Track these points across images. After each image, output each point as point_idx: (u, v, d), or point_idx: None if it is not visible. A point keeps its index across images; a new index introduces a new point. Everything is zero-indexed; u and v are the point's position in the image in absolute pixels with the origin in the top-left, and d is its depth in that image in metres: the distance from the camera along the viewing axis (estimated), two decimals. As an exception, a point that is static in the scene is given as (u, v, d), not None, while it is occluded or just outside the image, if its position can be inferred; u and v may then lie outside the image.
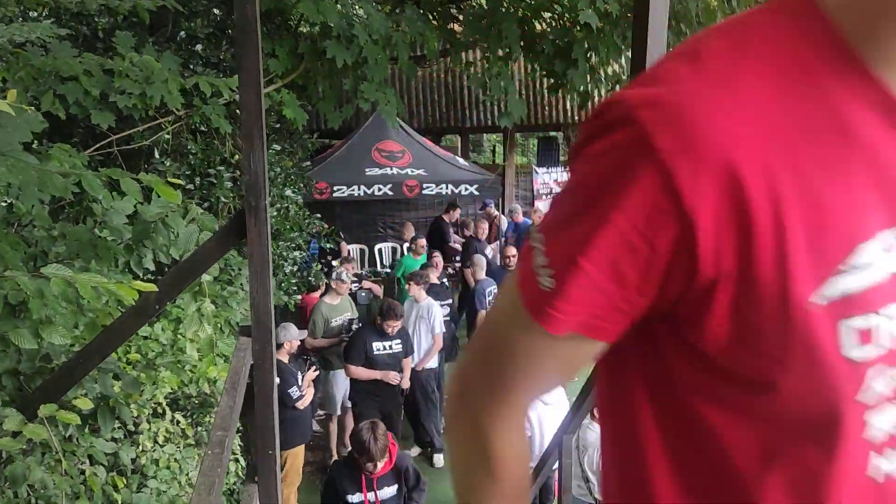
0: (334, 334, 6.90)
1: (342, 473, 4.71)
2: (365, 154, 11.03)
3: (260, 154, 2.39)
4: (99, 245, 2.86)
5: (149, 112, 4.97)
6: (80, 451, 3.04)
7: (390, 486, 4.71)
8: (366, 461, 4.43)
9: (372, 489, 4.65)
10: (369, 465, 4.46)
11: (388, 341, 6.46)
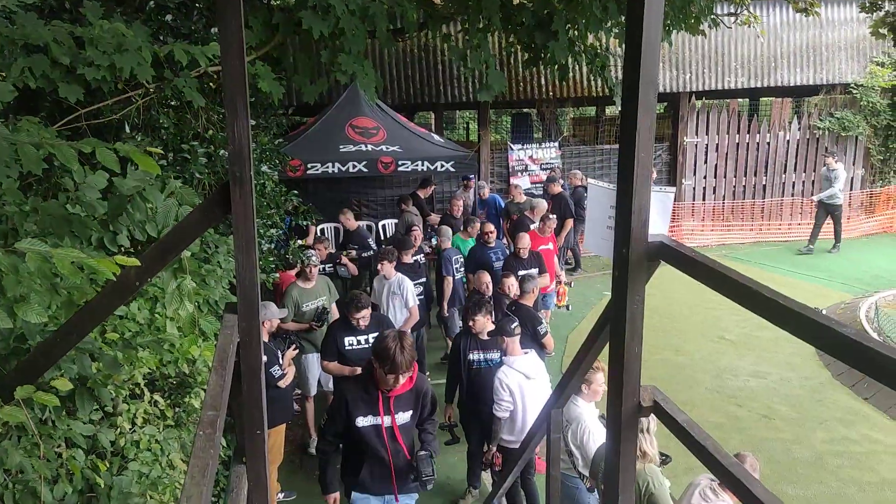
0: (304, 320, 6.85)
1: (355, 393, 4.17)
2: (339, 131, 10.90)
3: (244, 123, 2.28)
4: (73, 221, 2.73)
5: (118, 85, 4.79)
6: (58, 434, 2.93)
7: (406, 410, 4.22)
8: (388, 371, 3.91)
9: (389, 411, 4.14)
10: (390, 378, 3.93)
11: (359, 335, 6.14)
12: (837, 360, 1.65)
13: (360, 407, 4.07)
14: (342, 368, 6.08)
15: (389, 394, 4.05)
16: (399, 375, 3.93)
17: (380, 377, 3.98)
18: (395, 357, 3.86)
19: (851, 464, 6.81)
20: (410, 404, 4.21)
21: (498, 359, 5.80)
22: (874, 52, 15.42)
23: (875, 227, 15.79)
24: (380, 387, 4.04)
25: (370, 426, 4.11)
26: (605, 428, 2.69)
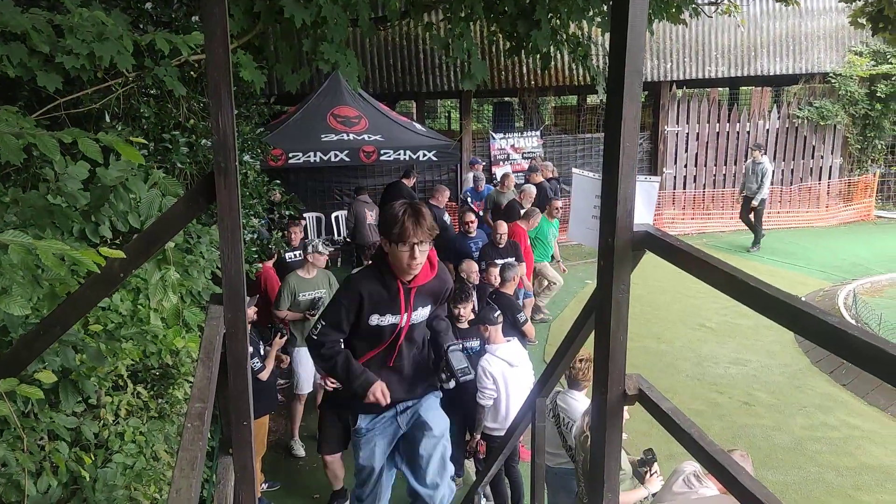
0: (300, 309, 6.73)
1: (372, 287, 3.33)
2: (320, 120, 10.84)
3: (228, 112, 2.26)
4: (55, 212, 2.70)
5: (97, 74, 4.73)
6: (41, 426, 2.91)
7: (425, 305, 3.52)
8: (397, 240, 3.13)
9: (409, 307, 3.38)
10: (403, 254, 3.14)
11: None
12: (819, 346, 1.67)
13: (379, 305, 3.28)
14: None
15: (411, 284, 3.29)
16: (415, 249, 3.05)
17: (394, 262, 3.19)
18: (403, 220, 3.02)
19: (830, 449, 6.91)
20: (430, 298, 3.44)
21: (478, 347, 5.81)
22: (852, 41, 15.56)
23: (853, 216, 15.97)
24: (398, 276, 3.24)
25: (387, 326, 3.34)
26: (591, 416, 2.71)
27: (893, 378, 1.47)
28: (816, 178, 16.04)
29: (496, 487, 5.77)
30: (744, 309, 1.88)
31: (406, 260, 3.18)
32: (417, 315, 3.46)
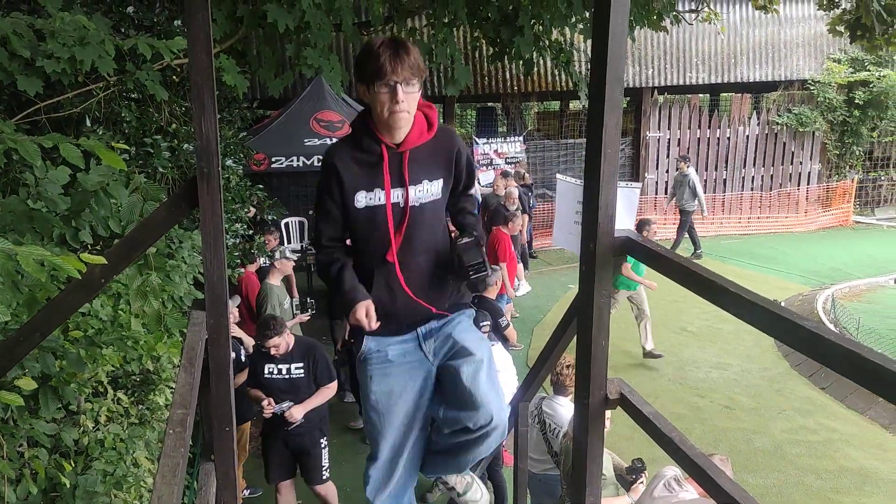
0: (288, 318, 6.68)
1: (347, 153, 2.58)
2: (303, 124, 10.82)
3: (211, 117, 2.26)
4: (36, 217, 2.68)
5: (78, 78, 4.71)
6: (20, 433, 2.89)
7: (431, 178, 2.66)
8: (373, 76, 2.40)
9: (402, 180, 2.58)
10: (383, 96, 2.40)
11: (280, 363, 5.34)
12: (796, 351, 1.70)
13: (361, 178, 2.50)
14: (259, 396, 5.35)
15: (401, 147, 2.50)
16: (398, 90, 2.36)
17: (375, 116, 2.46)
18: (379, 54, 2.38)
19: (809, 452, 6.98)
20: (436, 168, 2.61)
21: None
22: (831, 48, 15.76)
23: (831, 221, 16.16)
24: (382, 136, 2.50)
25: (379, 207, 2.54)
26: (573, 420, 2.73)
27: (868, 382, 1.50)
28: (795, 183, 16.21)
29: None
30: (725, 313, 1.91)
31: (387, 105, 2.39)
32: (422, 192, 2.58)
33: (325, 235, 2.64)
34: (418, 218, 2.61)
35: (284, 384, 5.29)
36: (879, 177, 17.01)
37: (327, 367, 5.46)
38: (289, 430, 5.27)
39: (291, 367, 5.32)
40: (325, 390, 5.43)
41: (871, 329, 9.27)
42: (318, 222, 2.65)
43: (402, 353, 2.69)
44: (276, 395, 5.25)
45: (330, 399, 5.57)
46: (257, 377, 5.35)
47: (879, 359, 1.50)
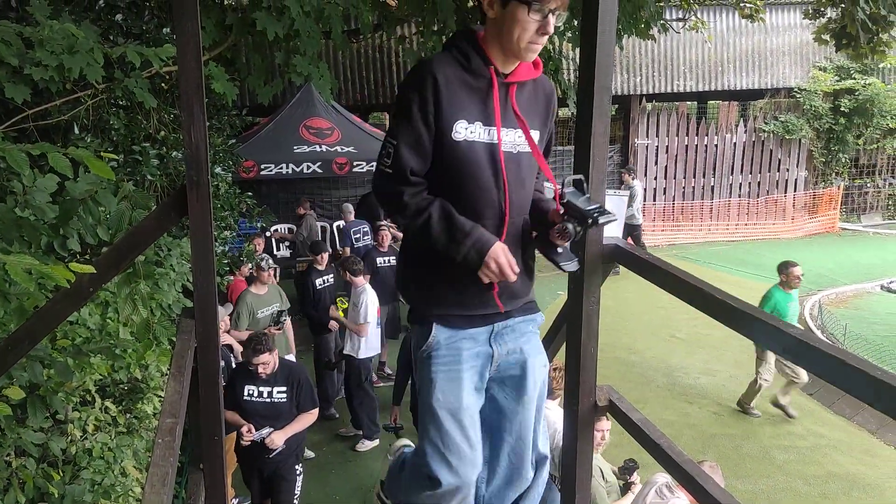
0: (259, 327, 6.56)
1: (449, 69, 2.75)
2: (293, 131, 10.82)
3: (201, 125, 2.26)
4: (23, 225, 2.67)
5: (66, 85, 4.69)
6: (8, 442, 2.87)
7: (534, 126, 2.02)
8: None
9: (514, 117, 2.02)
10: None
11: (262, 385, 5.01)
12: (782, 357, 1.72)
13: (466, 104, 1.99)
14: (236, 420, 4.95)
15: (510, 77, 2.05)
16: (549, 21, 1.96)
17: (504, 35, 1.97)
18: None
19: (797, 458, 7.01)
20: (535, 115, 2.15)
21: None
22: (817, 57, 15.90)
23: (818, 228, 16.27)
24: (493, 60, 2.02)
25: (483, 146, 2.02)
26: (562, 428, 2.74)
27: (853, 389, 1.52)
28: (782, 190, 16.33)
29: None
30: (713, 320, 1.92)
31: (530, 33, 1.95)
32: (525, 139, 2.09)
33: (408, 168, 1.99)
34: (526, 171, 2.13)
35: (265, 408, 4.98)
36: (865, 184, 17.16)
37: (311, 393, 5.21)
38: (268, 457, 4.98)
39: (274, 390, 5.00)
40: (307, 416, 5.15)
41: (857, 335, 9.33)
42: (396, 151, 1.98)
43: (476, 355, 2.16)
44: (256, 419, 4.93)
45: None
46: (236, 398, 4.95)
47: (865, 366, 1.52)
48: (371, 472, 6.67)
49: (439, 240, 2.00)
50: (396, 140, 1.98)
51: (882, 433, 7.43)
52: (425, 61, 2.04)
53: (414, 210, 2.01)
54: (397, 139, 1.98)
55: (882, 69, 15.90)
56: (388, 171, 2.00)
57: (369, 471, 6.69)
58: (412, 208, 2.01)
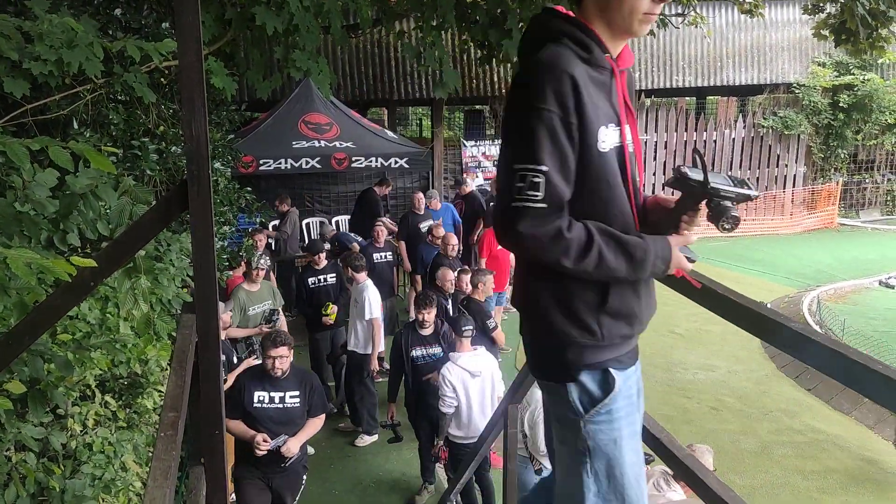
0: (250, 325, 6.62)
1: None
2: (291, 127, 10.81)
3: (201, 120, 2.26)
4: (24, 220, 2.67)
5: (65, 80, 4.69)
6: (8, 437, 2.87)
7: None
8: None
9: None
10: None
11: (274, 390, 4.69)
12: (783, 352, 1.72)
13: (598, 103, 1.70)
14: (245, 431, 4.59)
15: (619, 64, 1.79)
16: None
17: (617, 18, 1.72)
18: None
19: (795, 453, 7.03)
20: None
21: (440, 353, 5.87)
22: (816, 52, 15.89)
23: (816, 223, 16.28)
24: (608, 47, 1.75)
25: (615, 150, 1.74)
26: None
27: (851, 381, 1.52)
28: (781, 186, 16.33)
29: (466, 495, 5.79)
30: (712, 315, 1.92)
31: (645, 6, 1.69)
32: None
33: (564, 197, 1.64)
34: (638, 170, 1.86)
35: (278, 414, 4.65)
36: (864, 179, 17.17)
37: (323, 398, 5.01)
38: (283, 466, 4.65)
39: (287, 395, 4.68)
40: (317, 421, 4.89)
41: (856, 330, 9.35)
42: (548, 180, 1.61)
43: (640, 392, 1.90)
44: (268, 427, 4.59)
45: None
46: (243, 406, 4.60)
47: (864, 360, 1.53)
48: (370, 467, 6.69)
49: (619, 269, 1.67)
50: (545, 165, 1.60)
51: (880, 428, 7.46)
52: (551, 60, 1.64)
53: (578, 246, 1.62)
54: (545, 164, 1.60)
55: (881, 65, 15.89)
56: (540, 207, 1.59)
57: (368, 466, 6.71)
58: (576, 244, 1.62)
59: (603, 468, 1.75)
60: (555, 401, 1.82)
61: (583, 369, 1.73)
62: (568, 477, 1.81)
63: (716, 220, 1.82)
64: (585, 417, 1.74)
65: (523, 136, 1.61)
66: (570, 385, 1.74)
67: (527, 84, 1.64)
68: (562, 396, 1.76)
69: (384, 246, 8.57)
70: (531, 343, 1.84)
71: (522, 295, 1.82)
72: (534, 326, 1.80)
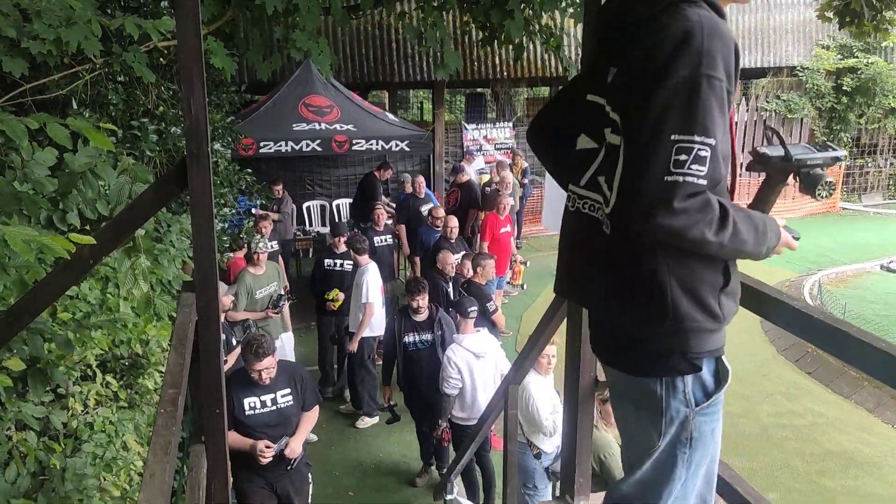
0: (257, 308, 6.63)
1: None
2: (292, 109, 10.75)
3: (201, 97, 2.24)
4: (23, 199, 2.66)
5: (64, 59, 4.66)
6: (8, 416, 2.88)
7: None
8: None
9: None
10: None
11: (264, 394, 4.45)
12: (786, 331, 1.71)
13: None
14: (242, 441, 4.34)
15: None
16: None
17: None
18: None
19: (795, 436, 7.05)
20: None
21: (431, 340, 5.86)
22: (820, 35, 15.78)
23: (818, 208, 16.22)
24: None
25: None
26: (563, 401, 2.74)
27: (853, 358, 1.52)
28: (783, 170, 16.25)
29: (466, 476, 5.82)
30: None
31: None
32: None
33: (717, 173, 1.53)
34: None
35: (272, 417, 4.45)
36: (866, 163, 17.10)
37: (314, 389, 4.83)
38: (289, 469, 4.49)
39: (278, 395, 4.48)
40: (312, 415, 4.73)
41: (857, 314, 9.34)
42: (713, 154, 1.49)
43: None
44: (264, 432, 4.40)
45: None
46: (234, 416, 4.30)
47: (869, 338, 1.52)
48: (371, 449, 6.71)
49: (748, 241, 1.60)
50: (713, 139, 1.47)
51: (880, 411, 7.47)
52: (714, 25, 1.55)
53: (720, 218, 1.53)
54: (714, 137, 1.48)
55: (885, 48, 15.79)
56: (700, 184, 1.48)
57: (369, 448, 6.73)
58: (718, 216, 1.52)
59: (698, 458, 1.74)
60: (656, 396, 1.69)
61: (704, 357, 1.69)
62: (657, 467, 1.75)
63: (811, 190, 1.77)
64: (696, 410, 1.70)
65: (691, 105, 1.46)
66: (687, 377, 1.69)
67: (689, 47, 1.48)
68: (671, 391, 1.69)
69: (384, 229, 8.55)
70: (633, 342, 1.70)
71: (626, 288, 1.64)
72: (642, 321, 1.63)
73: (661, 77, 1.48)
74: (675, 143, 1.45)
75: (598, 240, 1.66)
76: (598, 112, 1.68)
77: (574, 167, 1.79)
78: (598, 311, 1.82)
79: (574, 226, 1.79)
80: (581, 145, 1.78)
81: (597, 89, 1.72)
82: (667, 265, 1.57)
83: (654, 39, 1.52)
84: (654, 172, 1.46)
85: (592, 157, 1.70)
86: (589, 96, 1.75)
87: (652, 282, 1.58)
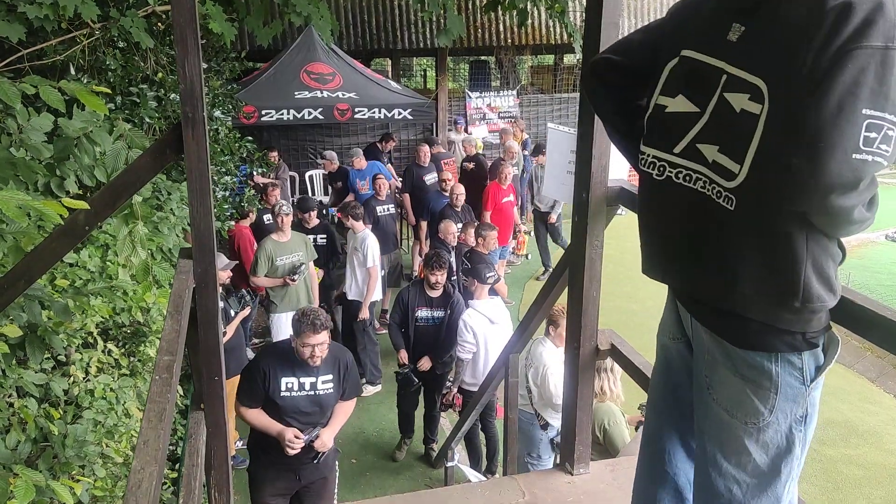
0: (278, 275, 6.46)
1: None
2: (293, 76, 10.65)
3: (195, 60, 2.20)
4: (19, 164, 2.63)
5: (62, 25, 4.59)
6: (8, 383, 2.88)
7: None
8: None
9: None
10: None
11: (306, 376, 3.89)
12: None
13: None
14: (270, 423, 3.87)
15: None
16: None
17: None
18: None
19: (796, 405, 7.06)
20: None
21: (442, 317, 5.80)
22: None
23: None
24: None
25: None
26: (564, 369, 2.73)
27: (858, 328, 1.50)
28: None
29: (471, 442, 5.84)
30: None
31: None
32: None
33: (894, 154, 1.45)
34: None
35: (307, 403, 3.91)
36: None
37: (357, 379, 4.27)
38: (314, 462, 3.98)
39: (319, 380, 3.92)
40: (349, 405, 4.16)
41: (861, 284, 9.32)
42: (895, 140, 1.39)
43: None
44: (296, 418, 3.89)
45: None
46: (267, 395, 3.85)
47: (872, 305, 1.50)
48: (373, 416, 6.74)
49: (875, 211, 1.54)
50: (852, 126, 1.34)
51: (882, 381, 7.48)
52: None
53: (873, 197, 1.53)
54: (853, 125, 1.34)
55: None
56: (884, 165, 1.40)
57: (371, 415, 6.76)
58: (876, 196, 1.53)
59: (810, 435, 1.69)
60: (766, 371, 1.61)
61: (824, 332, 1.63)
62: (772, 449, 1.66)
63: None
64: (810, 385, 1.64)
65: (885, 80, 1.33)
66: (805, 353, 1.61)
67: (884, 16, 1.33)
68: (786, 367, 1.61)
69: (386, 199, 8.51)
70: (765, 322, 1.58)
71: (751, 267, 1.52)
72: (766, 302, 1.54)
73: (849, 45, 1.33)
74: (867, 119, 1.33)
75: (705, 215, 1.54)
76: (707, 73, 1.52)
77: (663, 131, 1.62)
78: (706, 289, 1.66)
79: (666, 198, 1.65)
80: (674, 107, 1.60)
81: (707, 47, 1.54)
82: (805, 244, 1.48)
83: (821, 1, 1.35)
84: (844, 149, 1.33)
85: (691, 121, 1.55)
86: (689, 52, 1.57)
87: (786, 260, 1.49)
